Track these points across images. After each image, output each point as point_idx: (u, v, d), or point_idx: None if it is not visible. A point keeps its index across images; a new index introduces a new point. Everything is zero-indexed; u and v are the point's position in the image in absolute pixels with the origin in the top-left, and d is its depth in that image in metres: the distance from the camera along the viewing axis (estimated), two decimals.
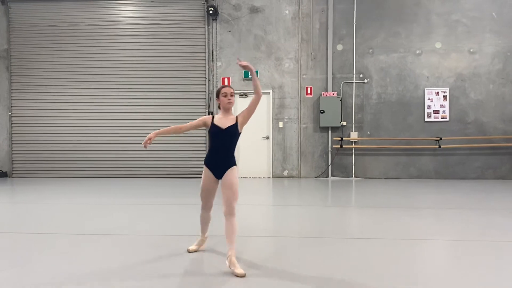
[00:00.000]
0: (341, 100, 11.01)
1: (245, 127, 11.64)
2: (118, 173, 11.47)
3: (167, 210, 7.03)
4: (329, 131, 11.19)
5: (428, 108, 10.88)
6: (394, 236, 5.28)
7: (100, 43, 11.59)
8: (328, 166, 11.22)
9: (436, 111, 10.87)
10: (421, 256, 4.58)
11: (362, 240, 5.14)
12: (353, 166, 11.15)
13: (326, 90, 11.12)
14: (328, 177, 11.22)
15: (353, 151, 11.14)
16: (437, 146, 10.73)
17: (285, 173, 11.34)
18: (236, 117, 4.30)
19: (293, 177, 11.32)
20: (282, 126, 11.31)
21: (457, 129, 10.80)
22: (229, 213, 4.06)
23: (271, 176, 11.39)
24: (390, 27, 10.96)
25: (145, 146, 3.97)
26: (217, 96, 4.32)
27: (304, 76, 11.25)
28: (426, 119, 10.89)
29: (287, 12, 11.26)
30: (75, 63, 11.62)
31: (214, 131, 4.18)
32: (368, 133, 11.08)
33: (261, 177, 11.43)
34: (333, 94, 10.98)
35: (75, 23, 11.63)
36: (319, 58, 11.20)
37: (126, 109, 11.53)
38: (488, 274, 3.91)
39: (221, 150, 4.17)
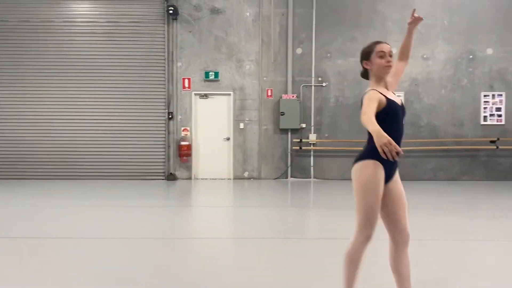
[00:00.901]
0: (300, 102, 11.17)
1: (205, 127, 11.68)
2: (70, 174, 11.12)
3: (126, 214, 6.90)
4: (289, 133, 11.33)
5: None
6: (348, 236, 5.41)
7: (55, 41, 11.21)
8: (287, 168, 11.35)
9: None
10: (375, 255, 4.72)
11: (321, 240, 5.24)
12: (312, 167, 11.33)
13: (286, 92, 11.25)
14: (287, 178, 11.35)
15: (311, 152, 11.33)
16: None
17: (246, 174, 11.39)
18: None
19: (254, 178, 11.38)
20: (243, 127, 11.34)
21: (411, 132, 11.19)
22: (407, 240, 2.92)
23: (232, 178, 11.40)
24: (348, 32, 11.23)
25: (398, 156, 2.51)
26: (367, 57, 2.91)
27: (265, 78, 11.34)
28: None
29: (248, 14, 11.32)
30: (26, 61, 11.17)
31: (394, 107, 2.87)
32: (326, 135, 11.29)
33: (221, 179, 11.41)
34: (293, 96, 11.13)
35: (27, 19, 11.20)
36: (279, 61, 11.33)
37: (82, 109, 11.21)
38: (433, 271, 4.08)
39: (400, 135, 2.92)
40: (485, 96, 11.09)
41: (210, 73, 11.24)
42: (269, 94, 11.31)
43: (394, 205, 2.87)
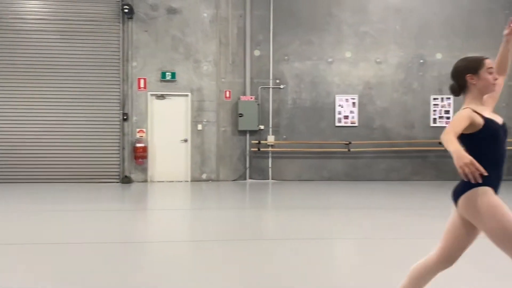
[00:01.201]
0: (258, 104, 11.23)
1: (162, 129, 11.51)
2: (19, 177, 10.64)
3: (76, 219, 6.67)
4: (247, 135, 11.35)
5: (338, 113, 11.47)
6: (305, 235, 5.49)
7: (3, 38, 10.69)
8: (246, 169, 11.37)
9: (346, 117, 11.49)
10: (331, 254, 4.82)
11: (279, 240, 5.28)
12: (270, 168, 11.41)
13: (244, 94, 11.28)
14: (246, 179, 11.37)
15: (270, 154, 11.41)
16: (347, 150, 11.34)
17: (204, 176, 11.31)
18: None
19: (212, 180, 11.32)
20: (201, 129, 11.26)
21: (364, 134, 11.50)
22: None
23: (189, 180, 11.28)
24: (304, 35, 11.40)
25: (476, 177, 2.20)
26: (474, 71, 2.67)
27: (223, 79, 11.32)
28: (337, 124, 11.46)
29: (205, 15, 11.26)
30: None
31: (495, 129, 2.56)
32: (284, 136, 11.41)
33: (178, 181, 11.27)
34: (251, 98, 11.17)
35: None
36: (237, 63, 11.33)
37: (32, 109, 10.74)
38: (391, 269, 4.21)
39: (503, 158, 2.60)
40: (434, 99, 11.57)
41: (167, 73, 11.09)
42: (227, 95, 11.30)
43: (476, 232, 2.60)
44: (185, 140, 11.27)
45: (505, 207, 2.43)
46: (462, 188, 2.56)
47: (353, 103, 11.44)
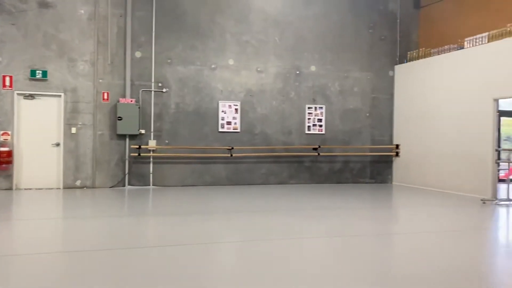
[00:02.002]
0: (139, 107, 10.89)
1: (30, 132, 10.52)
2: None
3: None
4: (127, 139, 10.93)
5: (221, 119, 11.65)
6: (188, 241, 5.47)
7: None
8: (125, 175, 10.93)
9: (229, 123, 11.72)
10: (212, 258, 4.87)
11: (158, 248, 5.17)
12: (151, 174, 11.12)
13: (124, 96, 10.85)
14: (125, 186, 10.93)
15: (151, 159, 11.13)
16: (229, 155, 11.56)
17: (78, 183, 10.60)
18: None
19: (87, 187, 10.66)
20: (75, 132, 10.55)
21: (246, 140, 11.84)
22: None
23: (61, 187, 10.49)
24: (188, 40, 11.38)
25: None
26: None
27: (100, 80, 10.76)
28: (220, 129, 11.63)
29: (82, 12, 10.61)
30: None
31: None
32: (166, 141, 11.22)
33: (49, 188, 10.41)
34: (131, 101, 10.79)
35: None
36: (117, 63, 10.87)
37: None
38: (270, 269, 4.39)
39: None
40: (309, 108, 12.37)
41: (37, 71, 10.21)
42: (105, 97, 10.77)
43: None
44: (57, 144, 10.48)
45: None
46: None
47: (236, 109, 11.72)
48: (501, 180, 11.92)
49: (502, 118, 13.69)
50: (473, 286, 3.97)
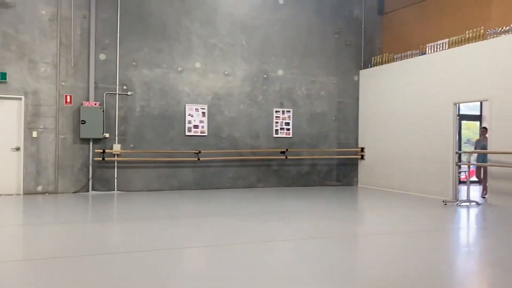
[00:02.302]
0: (103, 111, 10.66)
1: None
2: None
3: None
4: (91, 143, 10.67)
5: (188, 123, 11.55)
6: (154, 247, 5.38)
7: None
8: (88, 180, 10.66)
9: (196, 126, 11.63)
10: (179, 264, 4.80)
11: (123, 254, 5.06)
12: (116, 179, 10.89)
13: (87, 99, 10.60)
14: (88, 191, 10.65)
15: (115, 163, 10.90)
16: (197, 159, 11.47)
17: (39, 188, 10.26)
18: None
19: (49, 192, 10.33)
20: (36, 136, 10.21)
21: (213, 143, 11.78)
22: None
23: (22, 193, 10.13)
24: (153, 42, 11.23)
25: None
26: None
27: (63, 83, 10.47)
28: (187, 133, 11.52)
29: (43, 12, 10.31)
30: None
31: None
32: (132, 145, 11.03)
33: (8, 194, 10.03)
34: (95, 104, 10.55)
35: None
36: (80, 66, 10.61)
37: None
38: (236, 273, 4.37)
39: None
40: (276, 112, 12.44)
41: None
42: (68, 100, 10.49)
43: None
44: (17, 149, 10.12)
45: None
46: None
47: (203, 112, 11.64)
48: (462, 182, 12.33)
49: (462, 122, 14.19)
50: (434, 286, 4.06)
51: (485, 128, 10.98)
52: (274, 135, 12.41)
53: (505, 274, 4.52)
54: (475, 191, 11.42)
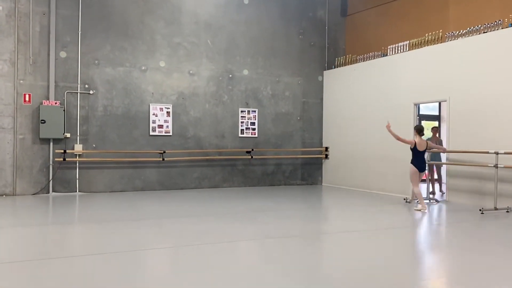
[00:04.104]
0: (64, 110, 10.38)
1: None
2: None
3: None
4: (51, 143, 10.36)
5: (153, 122, 11.40)
6: (117, 249, 5.29)
7: None
8: (49, 181, 10.35)
9: (160, 126, 11.49)
10: (143, 266, 4.74)
11: (85, 257, 4.95)
12: (77, 180, 10.62)
13: (47, 98, 10.28)
14: (49, 193, 10.34)
15: (77, 164, 10.63)
16: (161, 159, 11.33)
17: None
18: None
19: (6, 195, 9.96)
20: None
21: (178, 143, 11.67)
22: None
23: None
24: (116, 40, 11.02)
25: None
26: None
27: (21, 81, 10.12)
28: (151, 133, 11.37)
29: (0, 8, 9.93)
30: None
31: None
32: (94, 145, 10.78)
33: None
34: (56, 103, 10.26)
35: None
36: (39, 64, 10.28)
37: None
38: (201, 274, 4.35)
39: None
40: (242, 111, 12.45)
41: None
42: (27, 99, 10.15)
43: None
44: None
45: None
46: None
47: (168, 112, 11.52)
48: (423, 180, 12.70)
49: (422, 122, 14.63)
50: (397, 282, 4.18)
51: (436, 127, 11.99)
52: (240, 135, 12.42)
53: (463, 268, 4.70)
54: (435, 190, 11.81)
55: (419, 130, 8.67)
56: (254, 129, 12.61)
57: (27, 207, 8.68)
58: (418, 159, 8.62)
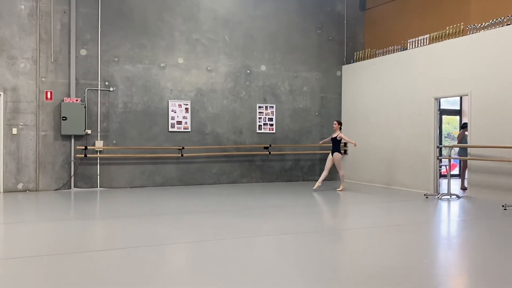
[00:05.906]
0: (85, 107, 10.54)
1: None
2: None
3: None
4: (72, 140, 10.55)
5: (172, 119, 11.49)
6: (137, 244, 5.36)
7: None
8: (70, 177, 10.54)
9: (179, 122, 11.58)
10: (162, 260, 4.79)
11: (105, 251, 5.03)
12: (98, 176, 10.79)
13: (68, 95, 10.46)
14: (71, 188, 10.54)
15: (98, 160, 10.79)
16: (180, 155, 11.42)
17: (20, 186, 10.11)
18: None
19: (30, 190, 10.19)
20: (16, 133, 10.05)
21: (197, 139, 11.75)
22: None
23: (2, 191, 9.96)
24: (136, 38, 11.13)
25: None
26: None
27: (43, 79, 10.31)
28: (170, 129, 11.46)
29: (22, 7, 10.12)
30: None
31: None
32: (114, 142, 10.93)
33: None
34: (77, 100, 10.42)
35: None
36: (60, 61, 10.46)
37: None
38: (221, 269, 4.38)
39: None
40: (259, 107, 12.45)
41: None
42: (49, 96, 10.34)
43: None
44: None
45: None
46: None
47: (186, 108, 11.59)
48: (443, 176, 12.54)
49: (443, 117, 14.41)
50: (417, 278, 4.14)
51: (465, 124, 11.41)
52: (258, 131, 12.43)
53: (485, 265, 4.63)
54: (456, 185, 11.64)
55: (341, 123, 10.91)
56: (272, 125, 12.60)
57: (50, 203, 8.86)
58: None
